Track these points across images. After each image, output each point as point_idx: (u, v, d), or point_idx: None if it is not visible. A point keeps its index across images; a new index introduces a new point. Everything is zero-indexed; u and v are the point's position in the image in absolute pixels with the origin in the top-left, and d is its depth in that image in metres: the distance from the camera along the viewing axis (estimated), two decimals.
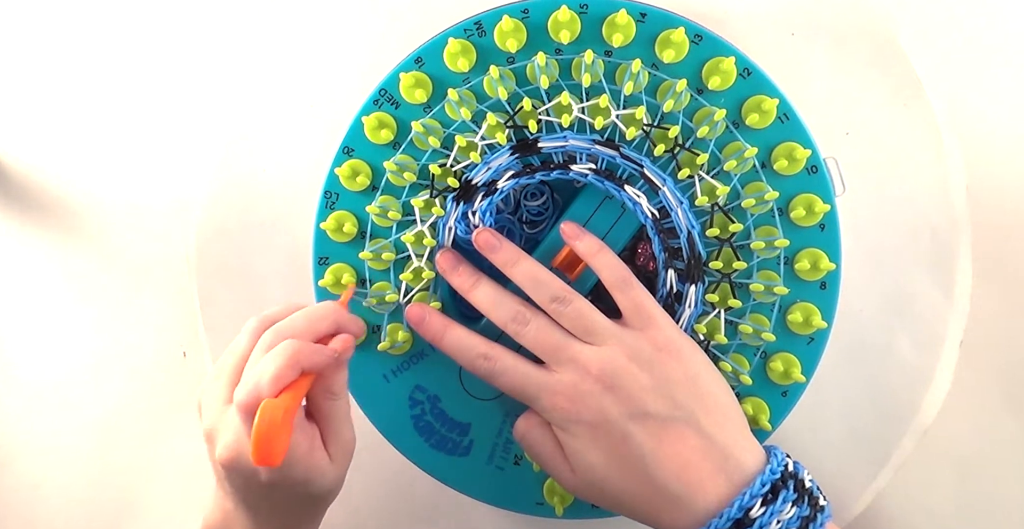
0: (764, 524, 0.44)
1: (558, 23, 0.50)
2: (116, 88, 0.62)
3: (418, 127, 0.51)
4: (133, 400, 0.63)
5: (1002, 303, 0.57)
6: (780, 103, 0.50)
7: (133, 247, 0.63)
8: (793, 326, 0.52)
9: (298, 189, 0.60)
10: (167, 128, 0.62)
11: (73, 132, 0.62)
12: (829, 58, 0.57)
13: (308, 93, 0.60)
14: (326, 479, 0.47)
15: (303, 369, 0.45)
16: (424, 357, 0.55)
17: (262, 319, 0.48)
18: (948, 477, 0.58)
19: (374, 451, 0.55)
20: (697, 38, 0.50)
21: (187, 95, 0.61)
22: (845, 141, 0.57)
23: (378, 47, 0.58)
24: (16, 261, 0.63)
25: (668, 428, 0.46)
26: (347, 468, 0.49)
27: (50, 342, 0.64)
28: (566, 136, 0.51)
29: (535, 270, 0.50)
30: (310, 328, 0.47)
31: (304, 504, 0.48)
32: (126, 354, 0.63)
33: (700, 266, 0.51)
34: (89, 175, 0.62)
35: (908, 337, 0.58)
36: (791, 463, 0.46)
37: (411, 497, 0.61)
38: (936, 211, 0.57)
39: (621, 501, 0.47)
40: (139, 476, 0.64)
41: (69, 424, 0.64)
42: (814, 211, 0.50)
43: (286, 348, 0.44)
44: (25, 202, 0.63)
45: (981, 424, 0.58)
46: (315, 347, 0.46)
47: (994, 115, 0.57)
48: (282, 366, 0.43)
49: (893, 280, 0.58)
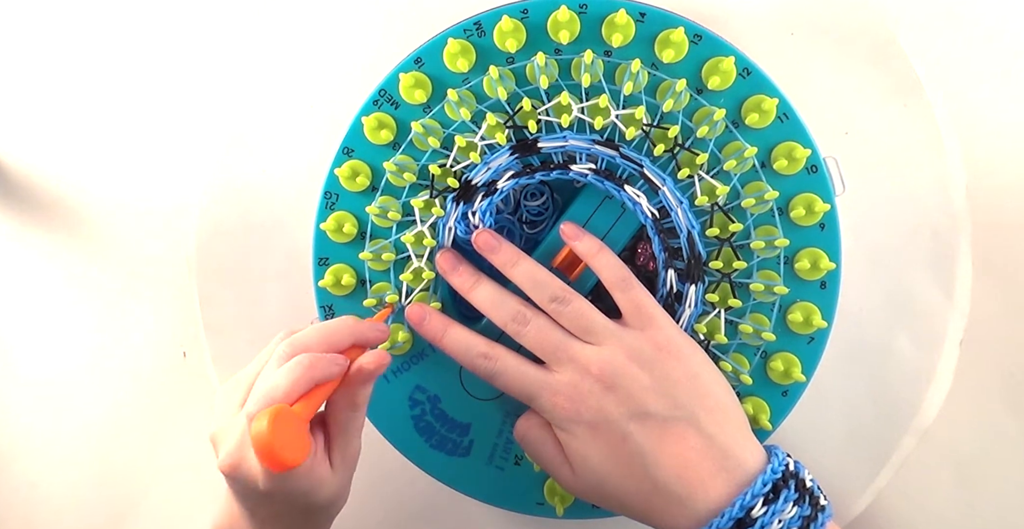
0: (766, 523, 0.43)
1: (557, 23, 0.50)
2: (116, 89, 0.62)
3: (418, 127, 0.51)
4: (133, 400, 0.63)
5: (1002, 303, 0.57)
6: (780, 103, 0.50)
7: (133, 247, 0.63)
8: (793, 326, 0.52)
9: (298, 189, 0.60)
10: (167, 128, 0.62)
11: (73, 133, 0.62)
12: (829, 58, 0.57)
13: (308, 94, 0.60)
14: (327, 490, 0.47)
15: (317, 381, 0.45)
16: (424, 357, 0.55)
17: (290, 333, 0.49)
18: (948, 477, 0.58)
19: (375, 450, 0.55)
20: (697, 38, 0.50)
21: (187, 95, 0.61)
22: (845, 141, 0.57)
23: (378, 47, 0.58)
24: (16, 261, 0.63)
25: (669, 428, 0.46)
26: (350, 478, 0.49)
27: (50, 342, 0.63)
28: (566, 136, 0.51)
29: (534, 270, 0.50)
30: (324, 341, 0.47)
31: (306, 514, 0.48)
32: (126, 354, 0.63)
33: (700, 266, 0.51)
34: (89, 175, 0.62)
35: (908, 336, 0.58)
36: (792, 463, 0.46)
37: (411, 495, 0.61)
38: (936, 210, 0.57)
39: (622, 501, 0.47)
40: (139, 476, 0.64)
41: (69, 424, 0.64)
42: (814, 210, 0.50)
43: (300, 361, 0.44)
44: (25, 202, 0.63)
45: (981, 424, 0.58)
46: (329, 357, 0.45)
47: (994, 114, 0.57)
48: (297, 378, 0.44)
49: (893, 279, 0.58)
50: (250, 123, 0.60)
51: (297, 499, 0.46)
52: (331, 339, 0.47)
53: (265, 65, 0.60)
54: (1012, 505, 0.58)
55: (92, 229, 0.63)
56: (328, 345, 0.47)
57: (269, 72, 0.60)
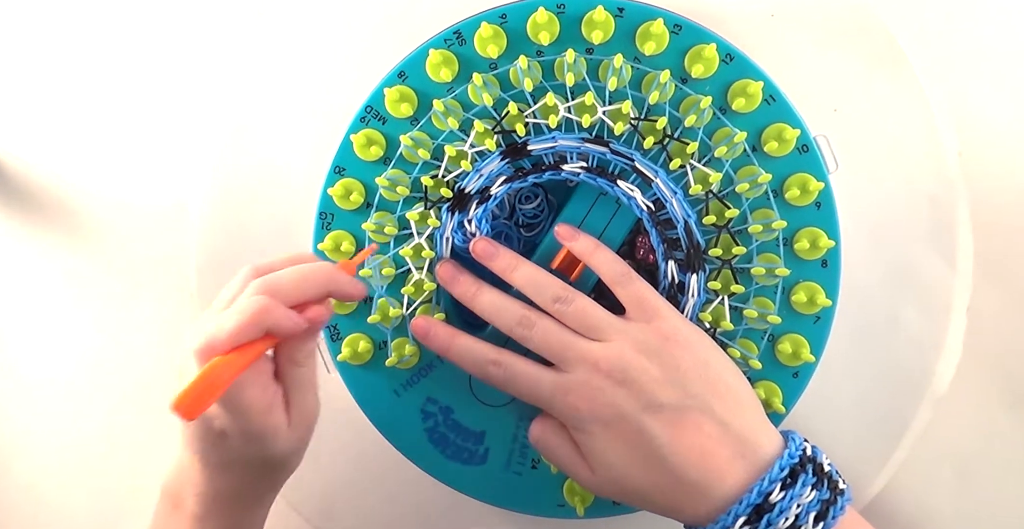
0: (784, 508, 0.44)
1: (537, 25, 0.50)
2: (116, 89, 0.62)
3: (407, 141, 0.51)
4: (133, 400, 0.63)
5: (1002, 303, 0.57)
6: (765, 85, 0.50)
7: (133, 247, 0.63)
8: (798, 307, 0.52)
9: (298, 189, 0.60)
10: (168, 129, 0.62)
11: (73, 132, 0.62)
12: (810, 36, 0.57)
13: (306, 96, 0.60)
14: (281, 442, 0.46)
15: (267, 330, 0.43)
16: (433, 369, 0.55)
17: (258, 267, 0.47)
18: (948, 476, 0.59)
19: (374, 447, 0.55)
20: (677, 28, 0.50)
21: (186, 96, 0.61)
22: (834, 118, 0.57)
23: (361, 64, 0.58)
24: (16, 261, 0.63)
25: (683, 417, 0.46)
26: (307, 439, 0.49)
27: (50, 342, 0.64)
28: (555, 137, 0.51)
29: (534, 273, 0.50)
30: (297, 287, 0.45)
31: (257, 466, 0.47)
32: (126, 354, 0.63)
33: (700, 254, 0.52)
34: (89, 175, 0.62)
35: (915, 307, 0.58)
36: (809, 447, 0.46)
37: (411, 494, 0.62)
38: (931, 178, 0.57)
39: (642, 495, 0.47)
40: (139, 476, 0.64)
41: (68, 424, 0.64)
42: (808, 190, 0.50)
43: (253, 305, 0.43)
44: (25, 202, 0.63)
45: (981, 423, 0.58)
46: (286, 312, 0.44)
47: (984, 91, 0.57)
48: (244, 323, 0.42)
49: (895, 252, 0.58)
50: (250, 123, 0.60)
51: (251, 444, 0.46)
52: (304, 286, 0.46)
53: (265, 66, 0.60)
54: (1012, 504, 0.58)
55: (92, 229, 0.63)
56: (300, 293, 0.45)
57: (268, 72, 0.60)
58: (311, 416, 0.48)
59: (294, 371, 0.47)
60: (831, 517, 0.44)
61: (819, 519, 0.44)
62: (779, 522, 0.44)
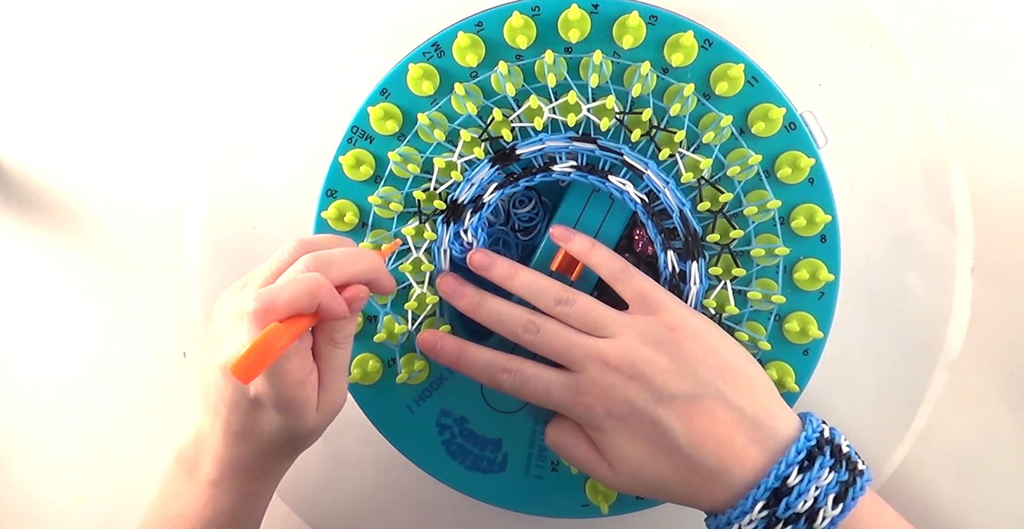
0: (802, 491, 0.44)
1: (513, 30, 0.50)
2: (116, 89, 0.62)
3: (395, 157, 0.51)
4: (133, 400, 0.64)
5: (1002, 303, 0.57)
6: (746, 67, 0.50)
7: (133, 247, 0.63)
8: (801, 284, 0.52)
9: (297, 189, 0.60)
10: (168, 129, 0.62)
11: (73, 132, 0.62)
12: (786, 13, 0.56)
13: (305, 96, 0.60)
14: (307, 418, 0.47)
15: (315, 308, 0.44)
16: (444, 381, 0.55)
17: (306, 243, 0.48)
18: (948, 476, 0.59)
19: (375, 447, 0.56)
20: (652, 19, 0.50)
21: (186, 96, 0.61)
22: (819, 92, 0.57)
23: (343, 83, 0.58)
24: (16, 261, 0.64)
25: (696, 406, 0.47)
26: (329, 422, 0.49)
27: (50, 342, 0.64)
28: (542, 139, 0.51)
29: (533, 279, 0.51)
30: (346, 269, 0.46)
31: (278, 439, 0.48)
32: (126, 354, 0.63)
33: (698, 242, 0.52)
34: (89, 175, 0.62)
35: (919, 274, 0.58)
36: (827, 429, 0.47)
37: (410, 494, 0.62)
38: (922, 143, 0.57)
39: (663, 487, 0.47)
40: (139, 476, 0.64)
41: (69, 424, 0.64)
42: (800, 167, 0.50)
43: (312, 280, 0.44)
44: (25, 202, 0.63)
45: (981, 423, 0.58)
46: (336, 294, 0.45)
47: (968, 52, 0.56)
48: (302, 293, 0.43)
49: (894, 220, 0.57)
50: (250, 123, 0.61)
51: (280, 415, 0.46)
52: (351, 269, 0.46)
53: (265, 67, 0.60)
54: (1012, 503, 0.59)
55: (92, 229, 0.63)
56: (348, 275, 0.46)
57: (268, 73, 0.60)
58: (339, 400, 0.49)
59: (331, 352, 0.47)
60: (851, 498, 0.44)
61: (838, 500, 0.44)
62: (798, 505, 0.44)
